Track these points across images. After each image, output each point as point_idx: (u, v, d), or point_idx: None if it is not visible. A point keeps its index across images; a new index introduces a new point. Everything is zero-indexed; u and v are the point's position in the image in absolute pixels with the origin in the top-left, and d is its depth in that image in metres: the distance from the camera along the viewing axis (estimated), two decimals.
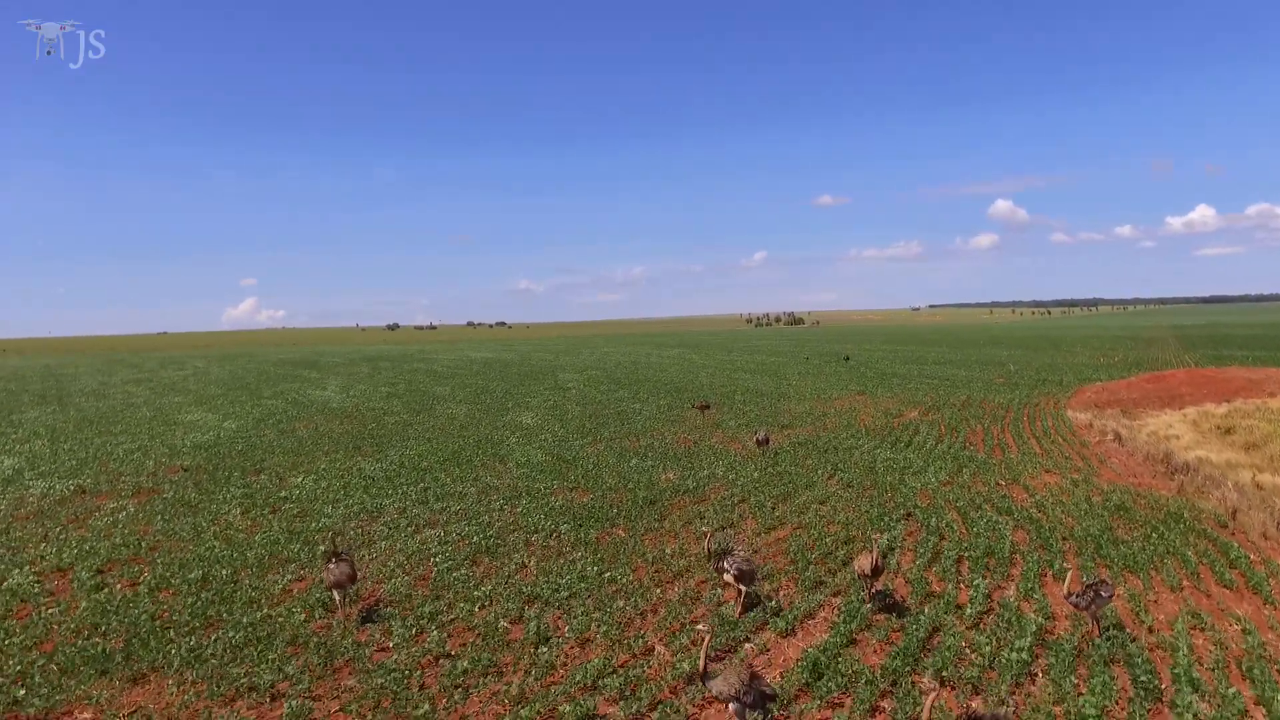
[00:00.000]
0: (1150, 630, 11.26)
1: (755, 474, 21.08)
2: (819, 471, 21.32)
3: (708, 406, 33.72)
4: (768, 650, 10.81)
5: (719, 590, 12.61)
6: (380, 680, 9.85)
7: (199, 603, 12.46)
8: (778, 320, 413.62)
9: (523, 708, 9.22)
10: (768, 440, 23.77)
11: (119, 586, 13.32)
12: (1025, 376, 52.29)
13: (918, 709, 8.82)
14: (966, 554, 14.25)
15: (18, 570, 14.04)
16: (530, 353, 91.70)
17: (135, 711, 9.31)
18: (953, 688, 9.62)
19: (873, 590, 11.92)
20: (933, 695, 8.17)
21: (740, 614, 11.65)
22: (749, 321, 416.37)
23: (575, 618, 11.73)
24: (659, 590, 12.86)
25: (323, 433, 30.19)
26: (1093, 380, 48.35)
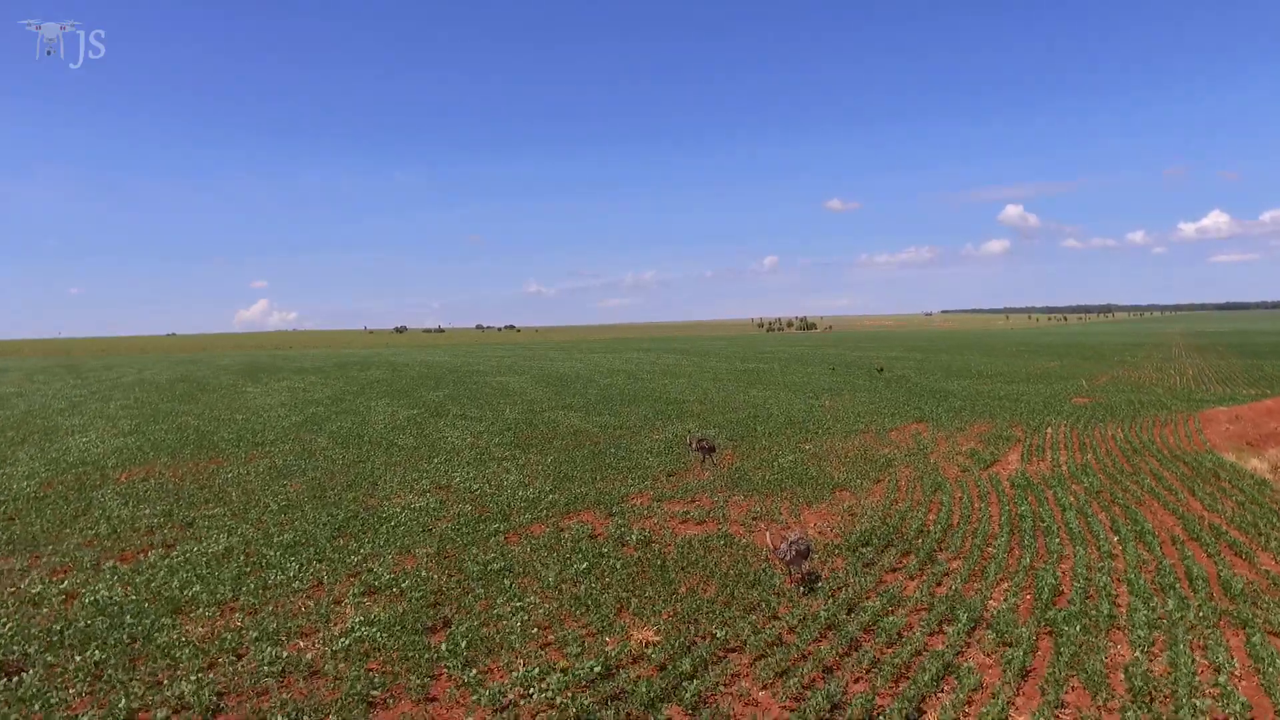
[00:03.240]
0: None
1: (811, 636, 10.47)
2: (950, 637, 10.64)
3: (713, 449, 23.21)
4: None
5: None
6: None
7: None
8: (789, 325, 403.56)
9: None
10: (807, 552, 12.46)
11: None
12: (1107, 394, 42.10)
13: None
14: None
15: None
16: (514, 360, 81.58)
17: None
18: None
19: None
20: None
21: None
22: (760, 326, 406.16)
23: None
24: None
25: (143, 490, 19.85)
26: (1200, 402, 37.71)
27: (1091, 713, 8.53)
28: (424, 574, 12.96)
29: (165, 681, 9.35)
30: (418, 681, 9.24)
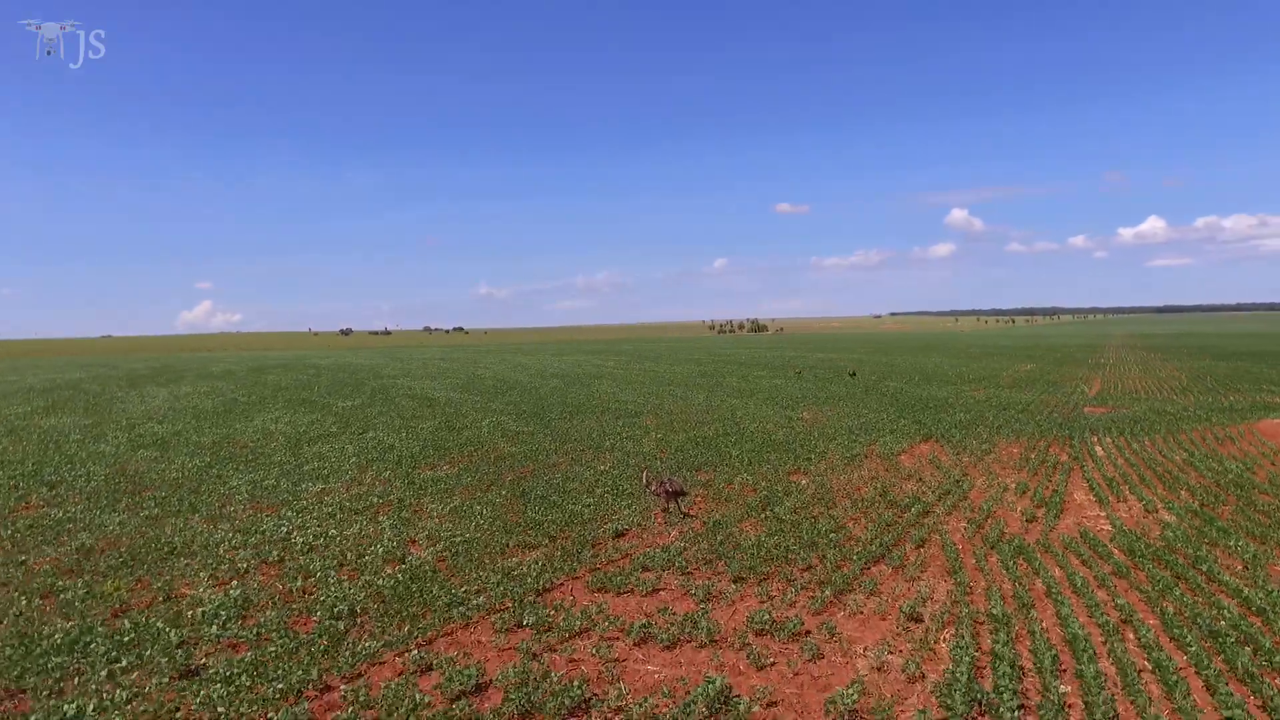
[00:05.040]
0: None
1: None
2: None
3: (682, 493, 16.31)
4: None
5: None
6: None
7: None
8: (740, 327, 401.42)
9: None
10: None
11: None
12: (1117, 402, 37.16)
13: None
14: None
15: None
16: (448, 364, 74.03)
17: None
18: None
19: None
20: None
21: None
22: (712, 328, 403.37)
23: None
24: None
25: None
26: (1234, 412, 32.29)
27: None
28: None
29: None
30: None
